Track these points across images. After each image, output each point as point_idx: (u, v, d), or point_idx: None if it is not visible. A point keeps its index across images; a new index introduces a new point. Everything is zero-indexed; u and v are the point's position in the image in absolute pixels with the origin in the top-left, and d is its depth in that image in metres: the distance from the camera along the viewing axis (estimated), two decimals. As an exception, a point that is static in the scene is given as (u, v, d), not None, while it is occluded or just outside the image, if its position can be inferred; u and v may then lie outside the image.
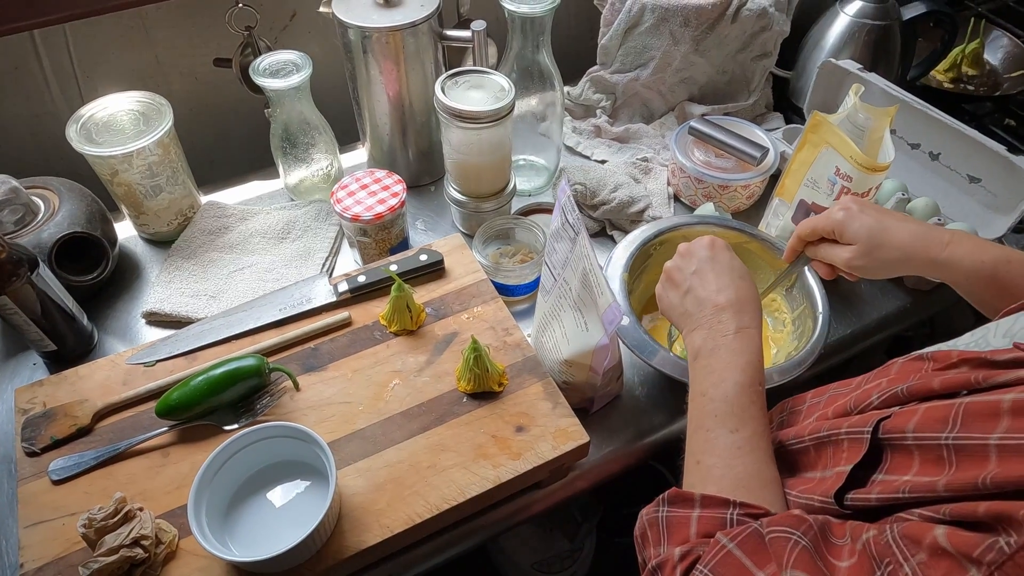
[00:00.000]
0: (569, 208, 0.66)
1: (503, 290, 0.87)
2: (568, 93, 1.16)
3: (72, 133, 0.84)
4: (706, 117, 1.02)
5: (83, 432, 0.69)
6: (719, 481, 0.51)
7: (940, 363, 0.50)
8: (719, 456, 0.53)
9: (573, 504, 1.14)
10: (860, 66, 0.97)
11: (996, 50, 1.33)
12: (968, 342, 0.52)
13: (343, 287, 0.80)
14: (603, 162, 1.08)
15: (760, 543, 0.42)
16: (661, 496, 0.51)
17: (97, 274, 0.83)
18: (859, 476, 0.47)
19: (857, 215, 0.65)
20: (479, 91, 0.86)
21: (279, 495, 0.65)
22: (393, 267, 0.81)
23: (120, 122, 0.87)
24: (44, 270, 0.75)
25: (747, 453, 0.52)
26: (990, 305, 0.62)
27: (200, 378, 0.69)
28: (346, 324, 0.79)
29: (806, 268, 0.80)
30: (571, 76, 1.15)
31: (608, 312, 0.61)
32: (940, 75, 1.31)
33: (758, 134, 0.99)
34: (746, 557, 0.42)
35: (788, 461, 0.57)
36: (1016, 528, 0.32)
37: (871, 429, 0.47)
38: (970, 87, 1.29)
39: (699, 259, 0.65)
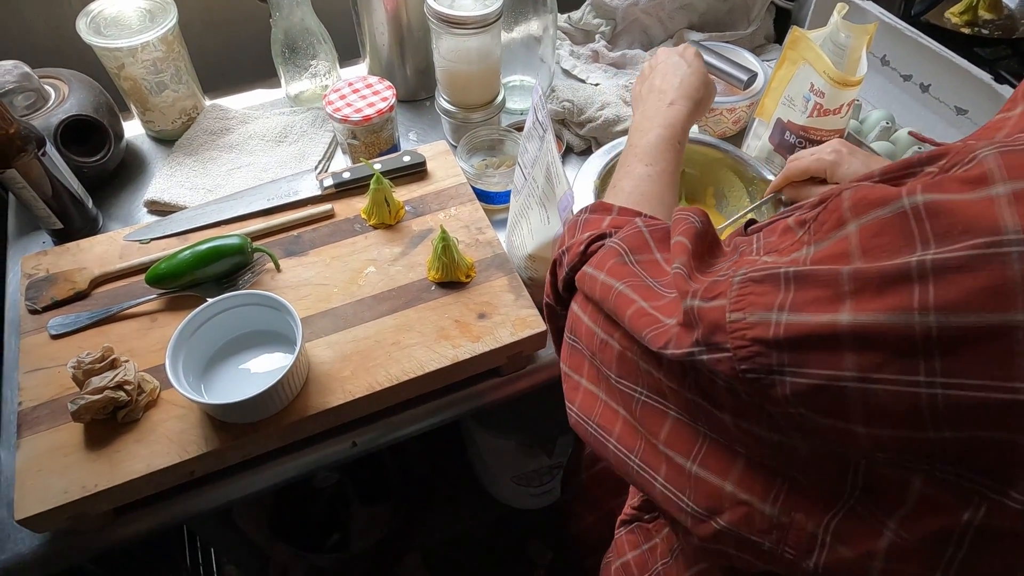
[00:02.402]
0: (540, 106, 0.69)
1: (485, 197, 0.90)
2: (569, 17, 1.17)
3: (82, 25, 0.88)
4: (700, 42, 1.02)
5: (80, 296, 0.75)
6: (627, 197, 0.61)
7: None
8: (631, 181, 0.63)
9: (550, 418, 1.19)
10: (858, -7, 0.96)
11: (1016, -7, 1.29)
12: None
13: (328, 182, 0.84)
14: (597, 85, 1.10)
15: (666, 235, 0.48)
16: (585, 206, 0.58)
17: (100, 157, 0.88)
18: None
19: (847, 158, 0.70)
20: (468, 0, 0.88)
21: (255, 363, 0.70)
22: (377, 165, 0.85)
23: (127, 17, 0.91)
24: (51, 150, 0.80)
25: (655, 182, 0.62)
26: None
27: (187, 251, 0.74)
28: (329, 216, 0.83)
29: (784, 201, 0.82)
30: (572, 2, 1.15)
31: (563, 200, 0.64)
32: (955, 17, 1.28)
33: (749, 59, 0.99)
34: (652, 241, 0.48)
35: None
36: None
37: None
38: (985, 31, 1.26)
39: (666, 57, 0.75)
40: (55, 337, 0.72)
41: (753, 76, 0.95)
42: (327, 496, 1.24)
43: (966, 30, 1.26)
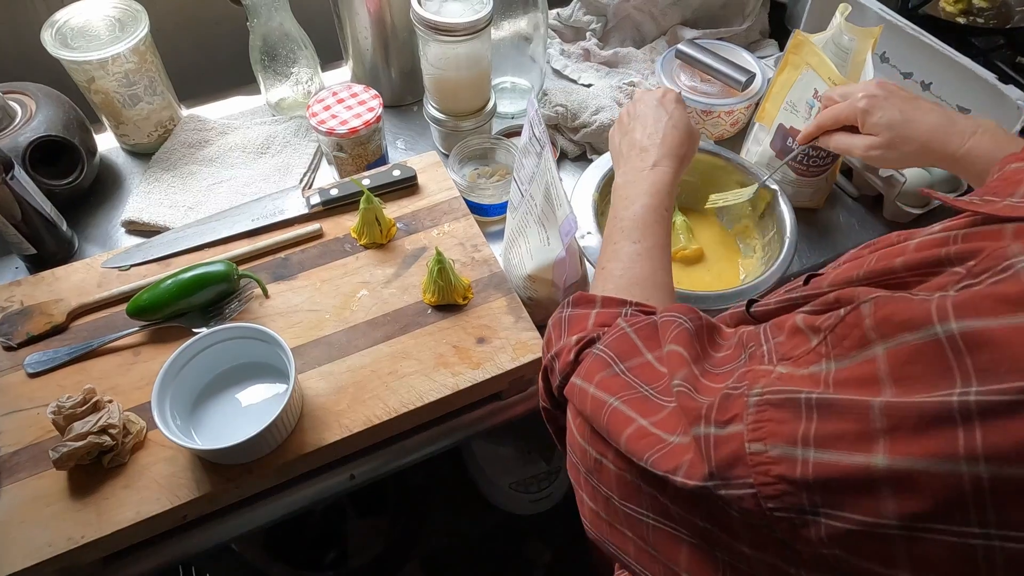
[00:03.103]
0: (536, 122, 0.66)
1: (479, 210, 0.87)
2: (559, 14, 1.13)
3: (47, 37, 0.83)
4: (696, 41, 0.99)
5: (58, 330, 0.72)
6: (617, 280, 0.56)
7: (880, 243, 0.50)
8: (620, 262, 0.58)
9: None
10: (857, -11, 0.93)
11: (1011, -19, 1.27)
12: None
13: (315, 199, 0.81)
14: (589, 86, 1.06)
15: (654, 331, 0.45)
16: (565, 300, 0.54)
17: (73, 179, 0.83)
18: None
19: (881, 104, 0.65)
20: (457, 3, 0.84)
21: (245, 395, 0.68)
22: (365, 181, 0.82)
23: (95, 27, 0.86)
24: (20, 172, 0.76)
25: (645, 260, 0.57)
26: None
27: (169, 281, 0.71)
28: (317, 236, 0.79)
29: (780, 197, 0.80)
30: (562, -3, 1.12)
31: (564, 224, 0.62)
32: (949, 6, 1.26)
33: (746, 58, 0.97)
34: (640, 341, 0.45)
35: None
36: (854, 302, 0.33)
37: (804, 281, 0.47)
38: (980, 20, 1.24)
39: (645, 105, 0.70)
40: (32, 376, 0.68)
41: (751, 77, 0.92)
42: (323, 511, 1.22)
43: (961, 19, 1.24)
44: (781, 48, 1.12)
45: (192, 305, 0.71)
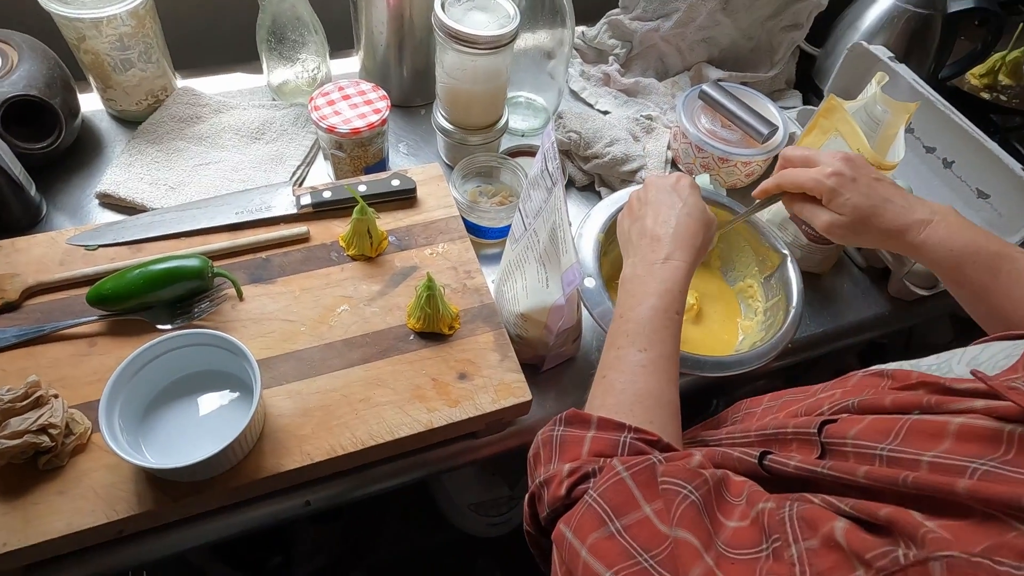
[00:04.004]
0: (551, 156, 0.62)
1: (476, 231, 0.83)
2: (583, 34, 1.09)
3: (40, -13, 0.77)
4: (721, 83, 0.96)
5: (9, 307, 0.66)
6: (619, 395, 0.52)
7: (899, 382, 0.48)
8: (624, 372, 0.53)
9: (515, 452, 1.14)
10: (891, 55, 0.91)
11: (1038, 63, 1.25)
12: (931, 364, 0.49)
13: (306, 200, 0.76)
14: (605, 113, 1.03)
15: (654, 479, 0.41)
16: (558, 416, 0.50)
17: (47, 144, 0.78)
18: None
19: (849, 186, 0.62)
20: (482, 13, 0.79)
21: (204, 404, 0.63)
22: (361, 187, 0.77)
23: (94, -17, 0.80)
24: (-11, 130, 0.70)
25: (651, 372, 0.53)
26: (962, 298, 0.62)
27: (137, 271, 0.66)
28: (303, 239, 0.75)
29: (790, 262, 0.77)
30: (589, 15, 1.08)
31: (568, 272, 0.58)
32: (974, 79, 1.24)
33: (770, 110, 0.93)
34: (637, 489, 0.41)
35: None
36: (917, 544, 0.30)
37: (816, 430, 0.45)
38: (1003, 97, 1.23)
39: (658, 190, 0.66)
40: (-26, 355, 0.63)
41: (774, 130, 0.89)
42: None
43: (985, 94, 1.23)
44: (805, 101, 1.09)
45: (159, 299, 0.67)
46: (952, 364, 0.47)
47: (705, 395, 1.02)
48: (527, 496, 0.48)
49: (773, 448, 0.50)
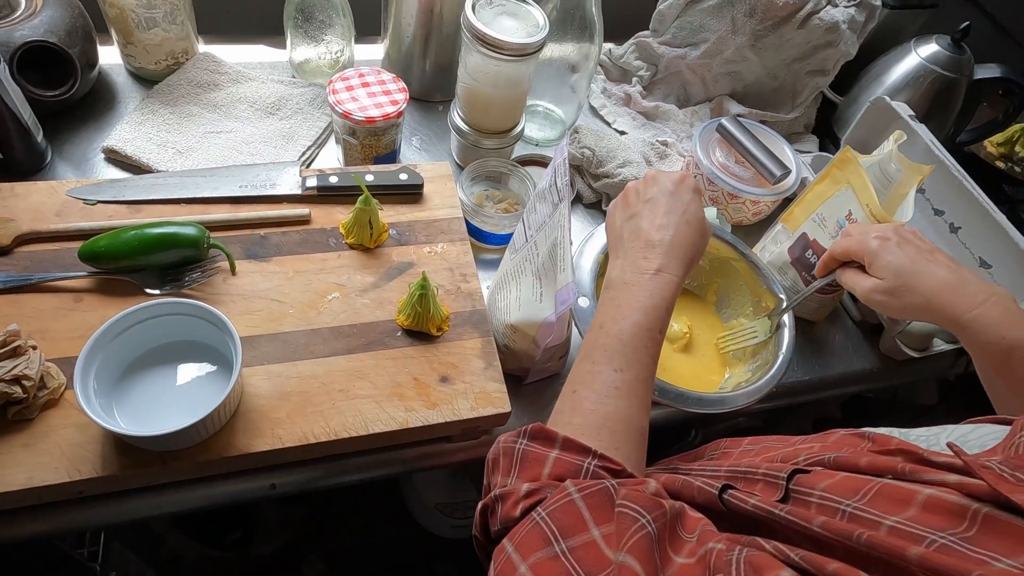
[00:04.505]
0: (562, 171, 0.62)
1: (477, 235, 0.83)
2: (610, 51, 1.09)
3: (73, -66, 0.77)
4: (740, 118, 0.96)
5: (1, 252, 0.66)
6: (587, 415, 0.50)
7: (878, 446, 0.48)
8: (595, 391, 0.51)
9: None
10: (912, 113, 0.91)
11: (1056, 139, 1.26)
12: (921, 435, 0.49)
13: (311, 182, 0.76)
14: (622, 133, 1.03)
15: (607, 503, 0.41)
16: (524, 428, 0.48)
17: (60, 92, 0.77)
18: None
19: (892, 249, 0.61)
20: (511, 19, 0.79)
21: (181, 374, 0.62)
22: (369, 177, 0.77)
23: (128, -62, 0.80)
24: (3, 70, 0.69)
25: (624, 396, 0.51)
26: (995, 388, 0.58)
27: (133, 232, 0.65)
28: (303, 221, 0.74)
29: (785, 307, 0.77)
30: (618, 33, 1.07)
31: (563, 291, 0.57)
32: (992, 147, 1.24)
33: (786, 152, 0.93)
34: (587, 511, 0.40)
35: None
36: None
37: (786, 476, 0.45)
38: (1017, 168, 1.23)
39: (659, 189, 0.61)
40: (-42, 296, 0.62)
41: (786, 173, 0.89)
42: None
43: (1000, 163, 1.23)
44: (821, 147, 1.09)
45: (151, 264, 0.66)
46: (941, 439, 0.47)
47: (685, 426, 1.01)
48: (480, 505, 0.47)
49: (739, 484, 0.50)
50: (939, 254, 0.62)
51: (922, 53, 0.99)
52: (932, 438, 0.48)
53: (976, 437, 0.45)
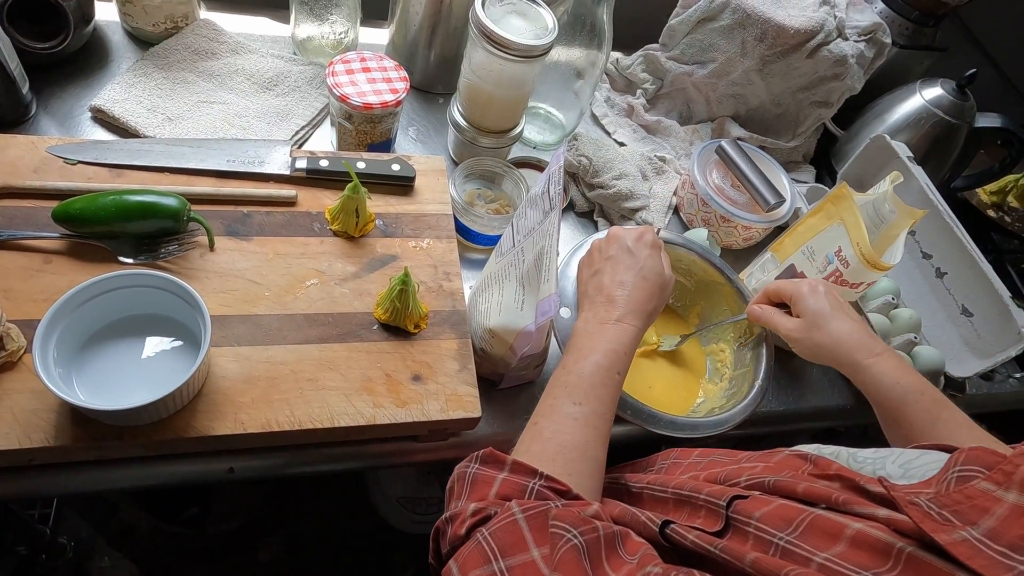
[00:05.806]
0: (556, 179, 0.61)
1: (465, 233, 0.82)
2: (617, 60, 1.08)
3: None
4: (740, 141, 0.95)
5: (-29, 204, 0.64)
6: (544, 443, 0.52)
7: (819, 469, 0.48)
8: (554, 421, 0.54)
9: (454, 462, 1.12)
10: (911, 155, 0.91)
11: (1048, 194, 1.27)
12: (868, 457, 0.50)
13: (301, 164, 0.74)
14: (621, 144, 1.02)
15: (546, 523, 0.42)
16: (476, 453, 0.50)
17: (51, 46, 0.75)
18: None
19: (817, 295, 0.67)
20: (520, 19, 0.78)
21: (147, 347, 0.61)
22: (360, 164, 0.75)
23: None
24: (-7, 18, 0.67)
25: (581, 427, 0.53)
26: (889, 428, 0.65)
27: (111, 197, 0.63)
28: (289, 203, 0.73)
29: (766, 337, 0.77)
30: (627, 43, 1.07)
31: (545, 302, 0.57)
32: (984, 195, 1.25)
33: (783, 181, 0.93)
34: (530, 532, 0.42)
35: (648, 504, 0.57)
36: None
37: (726, 504, 0.46)
38: (1007, 219, 1.24)
39: (619, 246, 0.65)
40: (-78, 245, 0.60)
41: (780, 202, 0.89)
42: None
43: (991, 212, 1.24)
44: (817, 178, 1.09)
45: (127, 232, 0.64)
46: (887, 462, 0.47)
47: (655, 446, 1.01)
48: (432, 530, 0.48)
49: (684, 512, 0.52)
50: (850, 309, 0.69)
51: (926, 95, 1.00)
52: (879, 461, 0.49)
53: (921, 464, 0.46)
